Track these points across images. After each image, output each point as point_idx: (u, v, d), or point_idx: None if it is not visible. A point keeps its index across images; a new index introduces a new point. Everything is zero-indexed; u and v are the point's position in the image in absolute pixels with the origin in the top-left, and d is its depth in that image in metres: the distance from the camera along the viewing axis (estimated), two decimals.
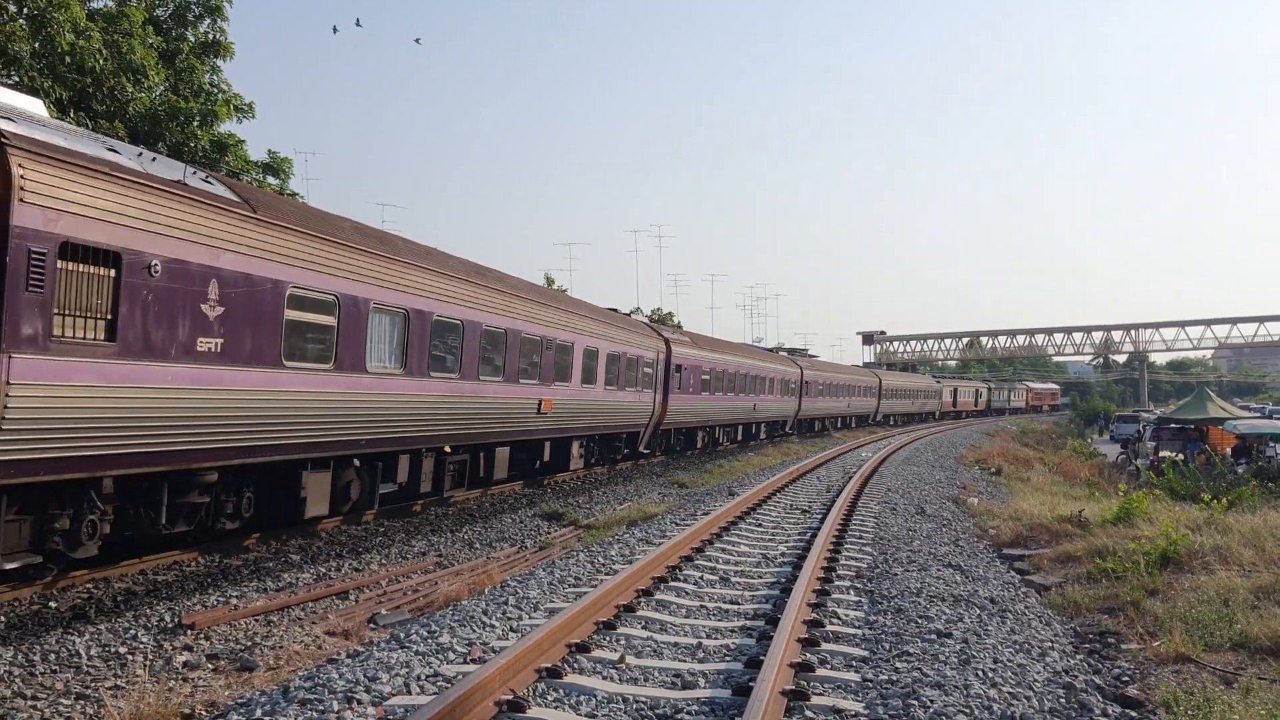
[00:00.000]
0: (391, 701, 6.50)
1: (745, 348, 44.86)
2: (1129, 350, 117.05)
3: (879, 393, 68.29)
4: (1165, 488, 22.60)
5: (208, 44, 24.77)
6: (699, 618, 9.37)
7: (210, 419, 11.36)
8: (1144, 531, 14.32)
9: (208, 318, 11.21)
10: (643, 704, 6.70)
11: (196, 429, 11.19)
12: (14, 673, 8.20)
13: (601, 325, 24.60)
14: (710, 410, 35.08)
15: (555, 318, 21.73)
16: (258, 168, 25.54)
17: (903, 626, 9.11)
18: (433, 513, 17.98)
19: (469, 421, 17.96)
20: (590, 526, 17.23)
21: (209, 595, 11.12)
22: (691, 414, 33.00)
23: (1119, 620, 10.33)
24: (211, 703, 7.48)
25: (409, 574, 12.92)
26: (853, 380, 61.95)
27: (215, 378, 11.36)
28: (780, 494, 20.61)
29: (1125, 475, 32.75)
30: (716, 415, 36.21)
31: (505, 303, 19.12)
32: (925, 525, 16.72)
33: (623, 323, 27.45)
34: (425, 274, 16.08)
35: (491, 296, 18.53)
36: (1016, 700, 7.01)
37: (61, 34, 19.57)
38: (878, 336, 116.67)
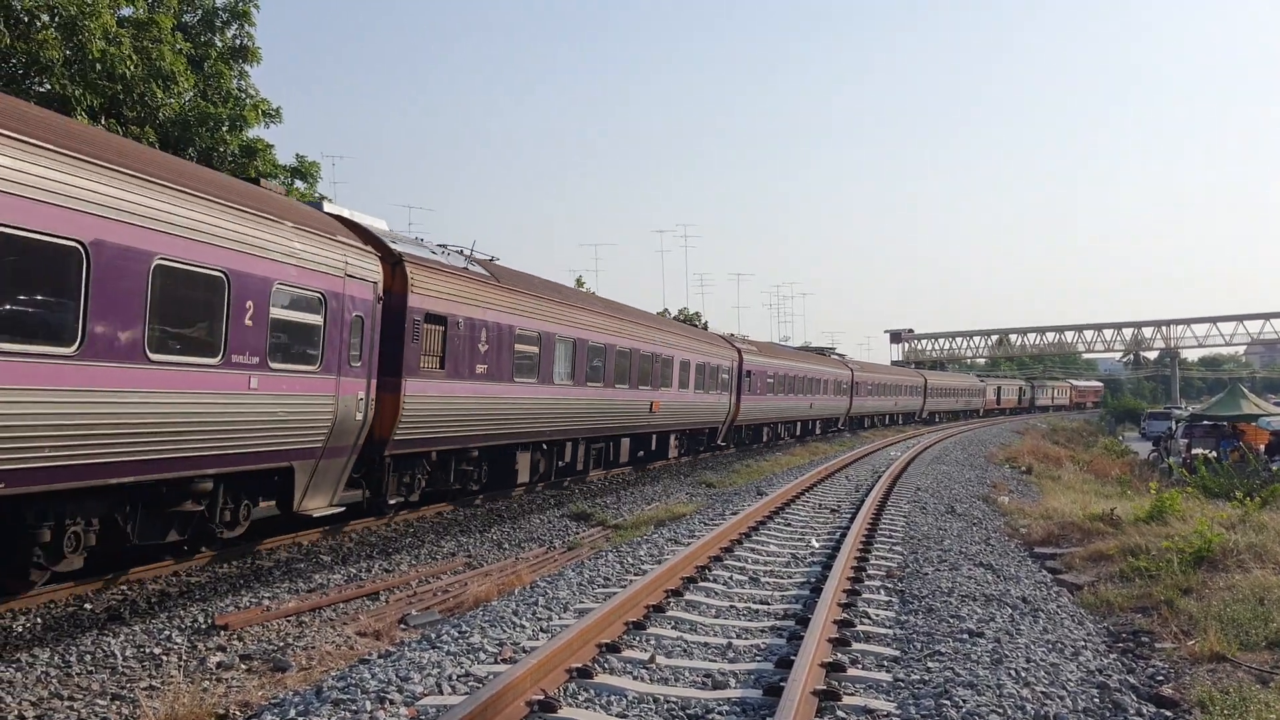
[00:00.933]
0: (424, 701, 6.53)
1: (802, 353, 49.02)
2: (1160, 347, 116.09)
3: (924, 391, 71.83)
4: (1198, 485, 22.37)
5: (235, 49, 24.95)
6: (729, 618, 9.36)
7: (480, 414, 17.53)
8: (1177, 530, 14.19)
9: (480, 351, 17.32)
10: (673, 704, 6.70)
11: (474, 420, 17.37)
12: (51, 673, 8.30)
13: (690, 340, 30.36)
14: (775, 409, 40.25)
15: (660, 337, 27.28)
16: (286, 172, 25.70)
17: (934, 626, 9.07)
18: (462, 513, 18.06)
19: (609, 418, 23.91)
20: (618, 527, 17.25)
21: (241, 596, 11.20)
22: (759, 412, 38.15)
23: (1153, 619, 10.24)
24: (245, 703, 7.54)
25: (438, 574, 12.97)
26: (900, 380, 66.43)
27: (483, 389, 17.45)
28: (809, 493, 20.56)
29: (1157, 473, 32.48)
30: (779, 413, 41.45)
31: (629, 329, 25.04)
32: (956, 524, 16.63)
33: (705, 337, 33.25)
34: (582, 312, 22.23)
35: (621, 325, 24.53)
36: (1050, 700, 6.96)
37: (92, 41, 19.75)
38: (905, 334, 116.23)
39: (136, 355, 9.77)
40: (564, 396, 20.82)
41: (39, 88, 20.27)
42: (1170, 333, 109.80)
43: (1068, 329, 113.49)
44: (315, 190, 26.83)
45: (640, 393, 25.48)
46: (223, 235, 10.88)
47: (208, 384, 10.85)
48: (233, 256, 11.07)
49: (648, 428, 26.99)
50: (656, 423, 27.24)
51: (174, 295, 10.25)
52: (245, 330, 11.36)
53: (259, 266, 11.56)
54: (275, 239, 11.92)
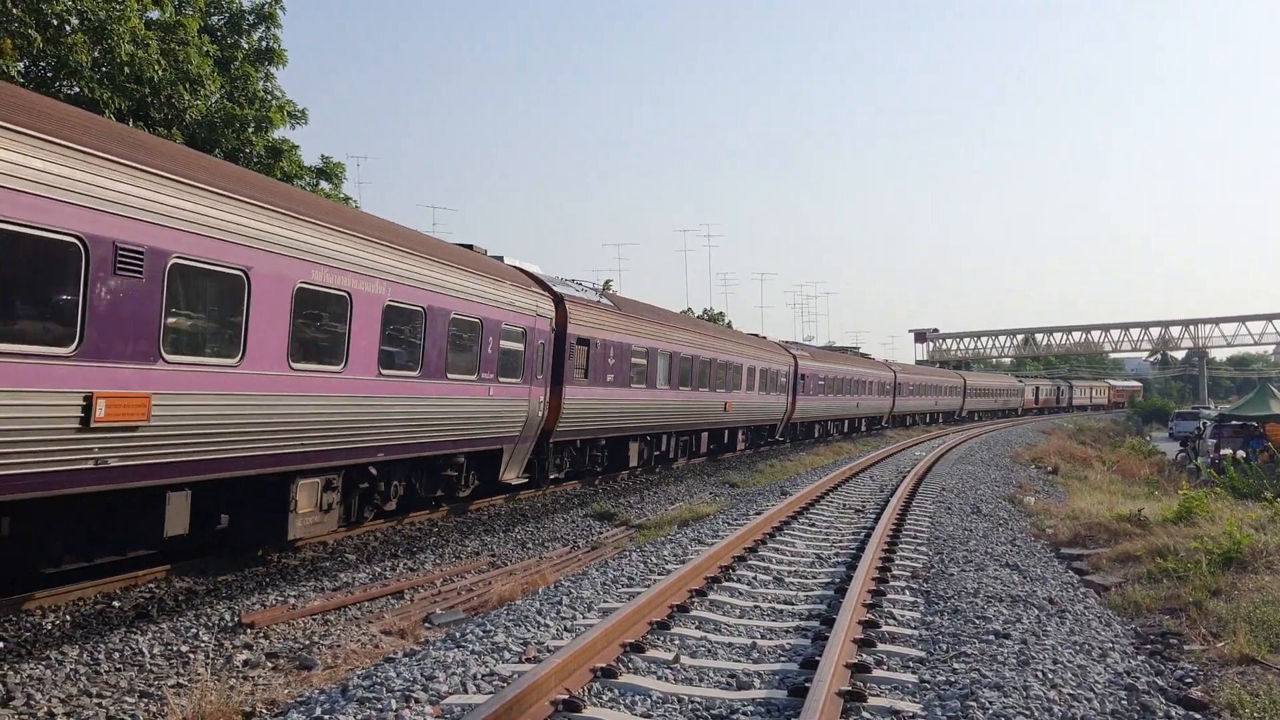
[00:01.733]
0: (448, 701, 6.55)
1: (850, 357, 53.34)
2: (1187, 346, 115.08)
3: (964, 391, 75.48)
4: (1227, 486, 22.17)
5: (261, 51, 25.10)
6: (753, 618, 9.34)
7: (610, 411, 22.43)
8: (1206, 531, 14.07)
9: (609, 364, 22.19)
10: (698, 704, 6.69)
11: (606, 417, 22.38)
12: (80, 671, 8.37)
13: (755, 349, 35.00)
14: (826, 408, 44.94)
15: (731, 348, 32.01)
16: (311, 173, 25.83)
17: (960, 627, 9.02)
18: (488, 510, 18.10)
19: (694, 416, 28.57)
20: (642, 526, 17.25)
21: (268, 595, 11.27)
22: (812, 411, 43.04)
23: (1181, 621, 10.15)
24: (271, 701, 7.58)
25: (463, 574, 13.01)
26: (939, 381, 70.52)
27: (613, 393, 22.48)
28: (833, 494, 20.50)
29: (1186, 473, 32.17)
30: (830, 412, 46.11)
31: (708, 341, 29.75)
32: (981, 525, 16.55)
33: (766, 346, 37.42)
34: (675, 330, 27.15)
35: (702, 339, 29.38)
36: (1077, 702, 6.91)
37: (120, 45, 19.92)
38: (930, 334, 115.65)
39: (439, 374, 15.08)
40: (664, 399, 25.82)
41: (68, 90, 20.46)
42: (1198, 332, 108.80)
43: (1094, 328, 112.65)
44: (340, 191, 26.97)
45: (717, 395, 30.20)
46: (481, 296, 16.38)
47: (472, 392, 16.20)
48: (487, 309, 16.55)
49: (721, 424, 31.73)
50: (729, 420, 32.10)
51: (459, 338, 15.66)
52: (488, 356, 16.73)
53: (496, 314, 16.96)
54: (503, 294, 17.30)
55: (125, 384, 9.23)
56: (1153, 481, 26.81)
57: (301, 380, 11.84)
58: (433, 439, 15.31)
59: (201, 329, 10.47)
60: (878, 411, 55.26)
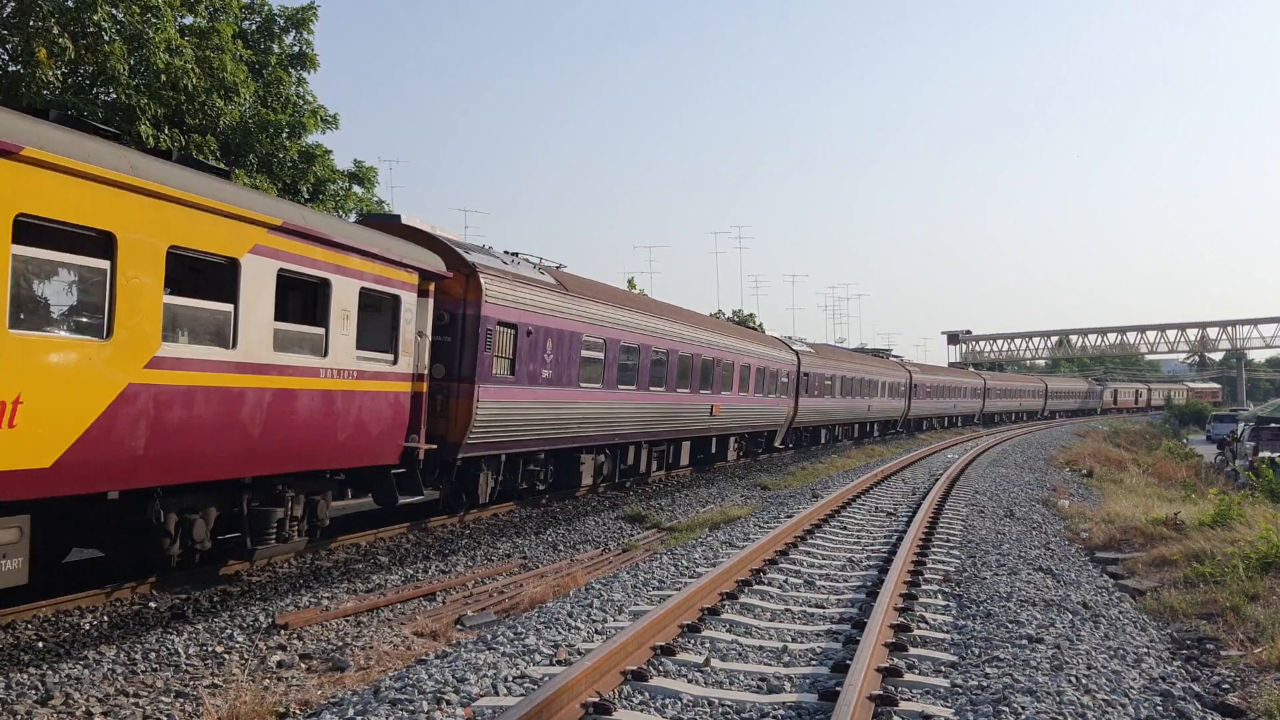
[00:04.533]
0: (480, 703, 6.58)
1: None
2: (1225, 348, 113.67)
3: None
4: (1265, 489, 21.87)
5: (294, 56, 25.27)
6: (784, 621, 9.32)
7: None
8: (1243, 535, 13.90)
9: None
10: (728, 707, 6.69)
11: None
12: (117, 671, 8.48)
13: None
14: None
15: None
16: (344, 177, 25.99)
17: (992, 631, 8.96)
18: (517, 515, 18.16)
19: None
20: (673, 529, 17.25)
21: (301, 596, 11.36)
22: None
23: (1218, 626, 10.04)
24: (305, 701, 7.65)
25: (494, 576, 13.06)
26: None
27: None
28: (864, 496, 20.42)
29: (1223, 477, 31.78)
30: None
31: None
32: (1014, 528, 16.43)
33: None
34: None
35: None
36: (1112, 708, 6.85)
37: (156, 53, 20.16)
38: (963, 335, 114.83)
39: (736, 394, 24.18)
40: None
41: (105, 97, 20.72)
42: (1236, 333, 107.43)
43: (1130, 329, 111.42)
44: (373, 194, 27.13)
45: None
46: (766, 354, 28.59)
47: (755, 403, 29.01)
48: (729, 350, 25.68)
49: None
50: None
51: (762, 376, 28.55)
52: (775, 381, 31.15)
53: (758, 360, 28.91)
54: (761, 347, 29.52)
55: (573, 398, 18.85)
56: (1189, 485, 26.51)
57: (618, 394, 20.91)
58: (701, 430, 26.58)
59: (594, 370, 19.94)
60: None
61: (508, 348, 16.48)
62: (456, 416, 15.31)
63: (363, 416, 13.09)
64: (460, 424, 15.33)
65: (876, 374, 47.50)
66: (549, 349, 17.91)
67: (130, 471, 9.60)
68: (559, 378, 18.33)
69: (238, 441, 10.87)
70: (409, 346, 14.14)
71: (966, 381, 65.59)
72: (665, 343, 23.63)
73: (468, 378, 15.39)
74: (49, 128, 8.69)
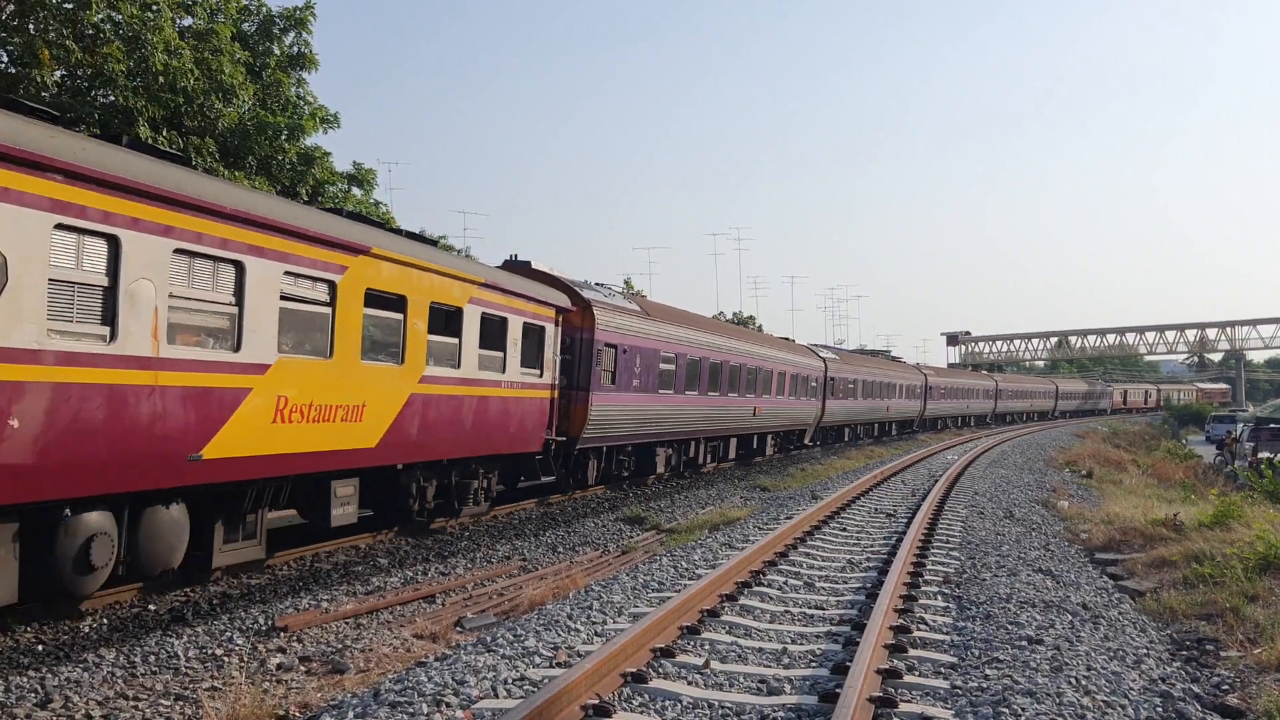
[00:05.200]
0: (479, 705, 6.58)
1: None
2: (1224, 348, 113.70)
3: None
4: (1264, 490, 21.87)
5: (293, 57, 25.25)
6: (783, 623, 9.32)
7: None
8: (1242, 535, 13.91)
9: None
10: (728, 709, 6.69)
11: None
12: (116, 674, 8.47)
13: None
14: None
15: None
16: (343, 179, 25.99)
17: (992, 633, 8.96)
18: (517, 516, 18.17)
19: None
20: (672, 531, 17.25)
21: (300, 598, 11.35)
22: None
23: (1217, 627, 10.04)
24: (305, 704, 7.64)
25: (494, 578, 13.06)
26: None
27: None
28: (864, 498, 20.42)
29: (1223, 477, 31.78)
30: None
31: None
32: (1014, 529, 16.42)
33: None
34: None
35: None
36: (1111, 709, 6.85)
37: (155, 54, 20.14)
38: (962, 337, 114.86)
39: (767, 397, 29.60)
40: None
41: (103, 98, 20.71)
42: (1235, 334, 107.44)
43: (1129, 330, 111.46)
44: (371, 196, 27.11)
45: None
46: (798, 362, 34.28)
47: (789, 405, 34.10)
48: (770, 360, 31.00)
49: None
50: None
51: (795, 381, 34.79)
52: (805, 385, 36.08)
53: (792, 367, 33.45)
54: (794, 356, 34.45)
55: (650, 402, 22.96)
56: (1189, 485, 26.50)
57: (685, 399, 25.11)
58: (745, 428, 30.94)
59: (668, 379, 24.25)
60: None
61: (610, 363, 21.01)
62: (575, 416, 19.87)
63: (523, 416, 17.73)
64: (578, 422, 19.92)
65: (895, 377, 51.41)
66: (637, 363, 22.53)
67: (408, 452, 14.20)
68: (644, 386, 22.96)
69: (456, 432, 15.51)
70: (550, 364, 18.66)
71: (979, 383, 70.64)
72: (719, 355, 27.84)
73: (584, 387, 19.97)
74: (383, 234, 13.71)
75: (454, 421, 15.27)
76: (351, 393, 12.58)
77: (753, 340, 33.20)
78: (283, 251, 11.28)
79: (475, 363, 15.78)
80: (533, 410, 18.01)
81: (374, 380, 13.01)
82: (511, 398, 17.10)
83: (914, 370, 57.43)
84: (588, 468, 21.49)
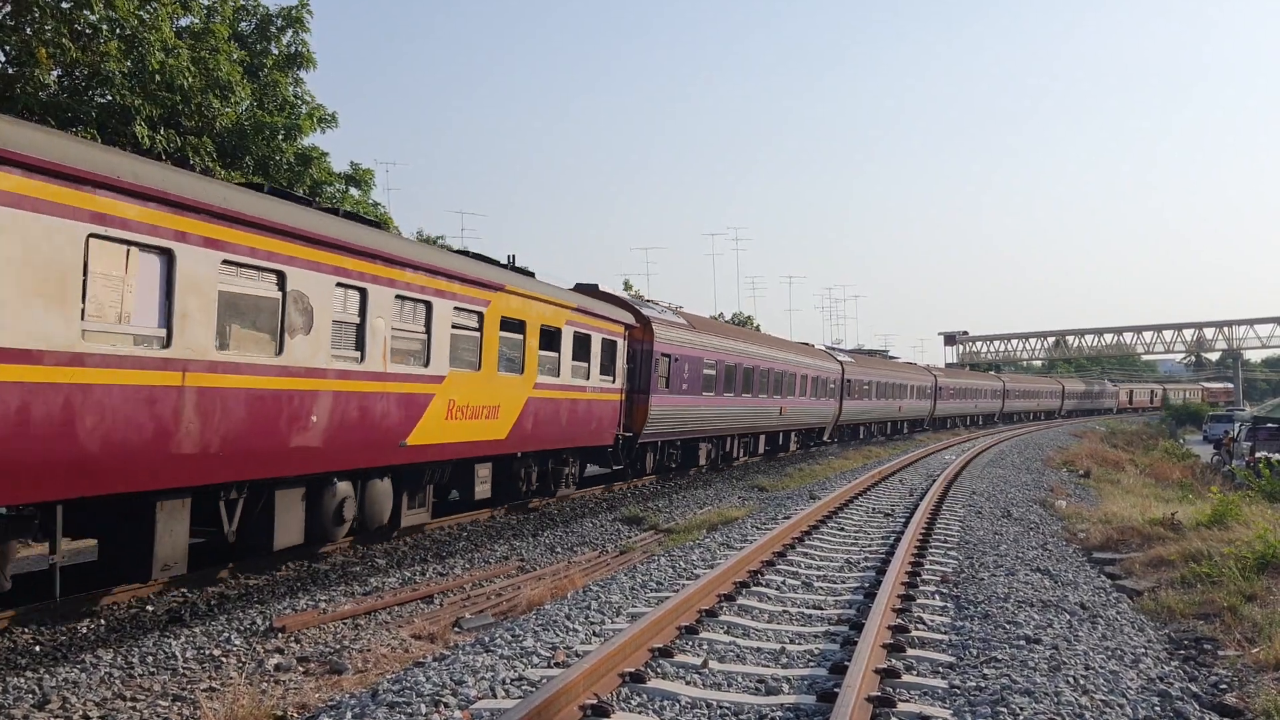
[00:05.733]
0: (478, 705, 6.57)
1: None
2: (1222, 348, 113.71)
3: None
4: (1262, 489, 21.89)
5: (290, 56, 25.19)
6: (782, 623, 9.32)
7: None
8: (1240, 535, 13.92)
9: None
10: (726, 709, 6.69)
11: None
12: (114, 674, 8.46)
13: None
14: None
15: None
16: (340, 179, 25.94)
17: (990, 632, 8.96)
18: (514, 517, 18.16)
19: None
20: (671, 531, 17.24)
21: (298, 599, 11.35)
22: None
23: (1215, 626, 10.04)
24: (303, 705, 7.64)
25: (492, 578, 13.05)
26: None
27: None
28: (862, 498, 20.42)
29: (1221, 476, 31.81)
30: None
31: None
32: (1012, 529, 16.43)
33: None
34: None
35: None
36: (1109, 708, 6.85)
37: (152, 53, 20.10)
38: (960, 337, 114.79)
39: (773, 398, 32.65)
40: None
41: (100, 98, 20.68)
42: (1233, 333, 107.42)
43: (1127, 330, 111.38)
44: (369, 197, 27.08)
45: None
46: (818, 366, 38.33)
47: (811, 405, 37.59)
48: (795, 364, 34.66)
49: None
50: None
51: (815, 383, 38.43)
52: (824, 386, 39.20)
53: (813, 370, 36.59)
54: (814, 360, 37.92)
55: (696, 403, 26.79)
56: (1186, 485, 26.52)
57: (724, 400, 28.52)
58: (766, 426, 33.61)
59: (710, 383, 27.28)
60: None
61: (665, 370, 24.51)
62: (637, 416, 23.43)
63: (601, 415, 21.60)
64: (640, 420, 23.49)
65: (906, 379, 54.76)
66: (686, 370, 25.82)
67: (525, 443, 17.99)
68: (691, 389, 26.33)
69: (556, 428, 19.26)
70: (620, 372, 22.51)
71: (987, 384, 74.24)
72: (751, 360, 31.29)
73: (645, 390, 23.61)
74: (511, 274, 17.52)
75: (555, 419, 19.05)
76: (491, 396, 16.50)
77: (779, 347, 36.09)
78: (454, 293, 15.22)
79: (569, 372, 19.54)
80: (608, 410, 21.90)
81: (505, 387, 16.88)
82: (594, 400, 21.02)
83: (924, 372, 60.70)
84: (645, 459, 25.03)
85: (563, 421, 19.38)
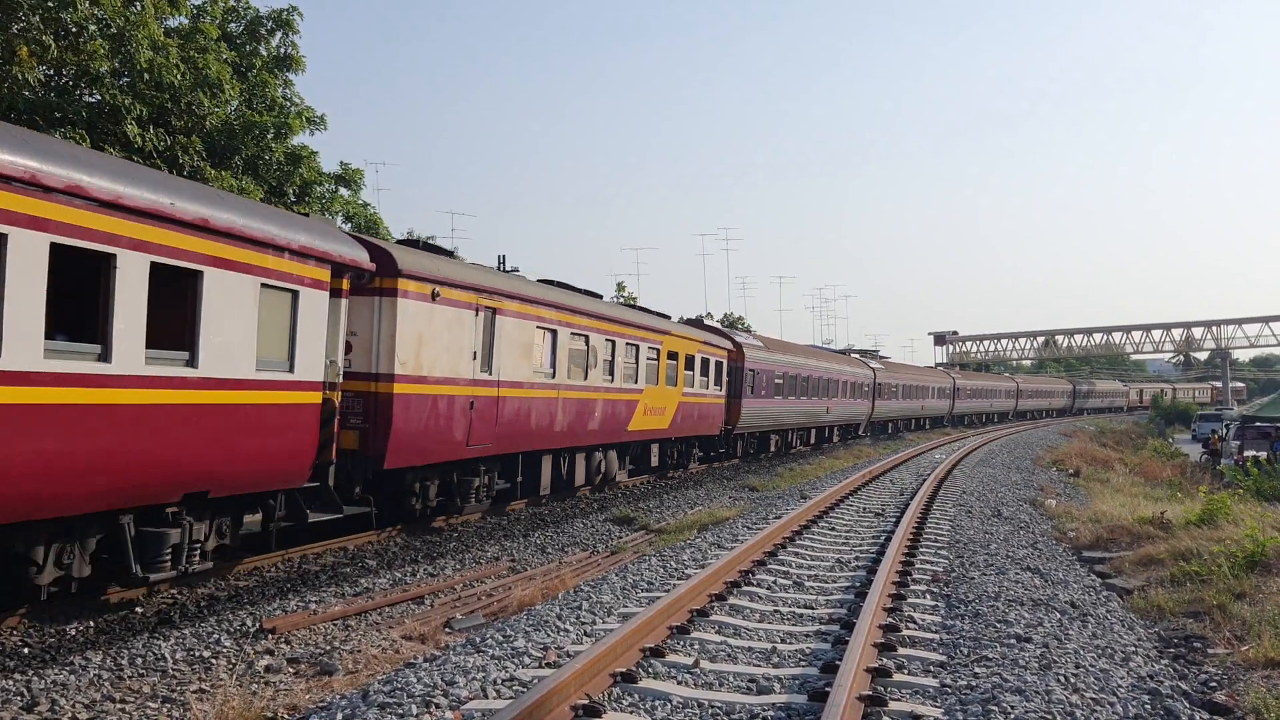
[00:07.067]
0: (469, 706, 6.56)
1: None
2: (1210, 347, 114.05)
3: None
4: (1250, 488, 21.98)
5: (280, 58, 25.13)
6: (773, 622, 9.32)
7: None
8: (1229, 533, 13.97)
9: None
10: (718, 709, 6.68)
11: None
12: (103, 676, 8.43)
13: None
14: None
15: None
16: (330, 179, 25.88)
17: (981, 631, 8.98)
18: (506, 517, 18.14)
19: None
20: (662, 531, 17.25)
21: (289, 600, 11.32)
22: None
23: (1205, 624, 10.08)
24: (293, 706, 7.62)
25: (483, 579, 13.04)
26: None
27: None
28: (853, 497, 20.44)
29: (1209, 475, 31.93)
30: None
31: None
32: (1002, 528, 16.46)
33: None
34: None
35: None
36: (1100, 706, 6.87)
37: (140, 51, 20.02)
38: (950, 336, 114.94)
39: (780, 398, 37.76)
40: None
41: (89, 98, 20.58)
42: (1221, 333, 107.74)
43: (1116, 330, 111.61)
44: (359, 197, 27.03)
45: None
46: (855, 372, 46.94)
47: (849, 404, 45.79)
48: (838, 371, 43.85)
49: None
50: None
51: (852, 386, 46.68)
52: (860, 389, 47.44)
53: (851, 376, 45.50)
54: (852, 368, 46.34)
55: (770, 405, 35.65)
56: (1175, 484, 26.62)
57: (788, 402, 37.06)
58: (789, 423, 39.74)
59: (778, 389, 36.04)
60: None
61: (751, 380, 32.48)
62: (733, 414, 31.45)
63: (714, 413, 30.10)
64: (735, 417, 31.54)
65: (929, 382, 63.83)
66: (764, 380, 33.88)
67: (678, 431, 27.01)
68: (767, 394, 34.29)
69: (691, 422, 28.03)
70: (723, 382, 30.59)
71: (1001, 385, 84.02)
72: (805, 370, 38.67)
73: (738, 395, 31.66)
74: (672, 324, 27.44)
75: (692, 416, 27.86)
76: (663, 401, 25.40)
77: (824, 358, 44.40)
78: (647, 339, 24.30)
79: (699, 384, 28.30)
80: (718, 410, 30.37)
81: (668, 395, 25.68)
82: (711, 403, 29.66)
83: (944, 375, 70.53)
84: (737, 446, 33.42)
85: (695, 417, 28.20)
